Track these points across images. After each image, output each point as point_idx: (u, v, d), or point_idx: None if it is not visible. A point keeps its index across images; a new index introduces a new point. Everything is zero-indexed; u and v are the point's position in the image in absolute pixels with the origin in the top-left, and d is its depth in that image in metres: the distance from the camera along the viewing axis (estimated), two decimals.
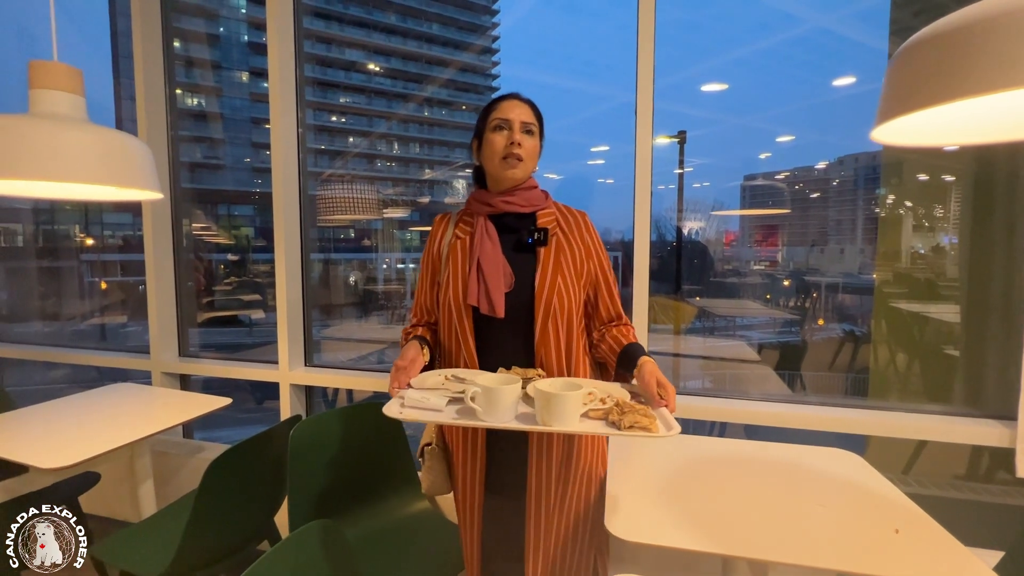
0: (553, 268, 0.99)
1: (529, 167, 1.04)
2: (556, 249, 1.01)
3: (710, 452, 1.25)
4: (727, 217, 5.60)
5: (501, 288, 0.97)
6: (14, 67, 2.60)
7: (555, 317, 0.97)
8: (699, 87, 3.74)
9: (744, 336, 3.96)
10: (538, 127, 1.05)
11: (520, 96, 1.05)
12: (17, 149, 0.88)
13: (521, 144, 1.00)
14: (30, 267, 4.29)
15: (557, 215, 1.05)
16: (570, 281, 0.99)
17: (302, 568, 0.82)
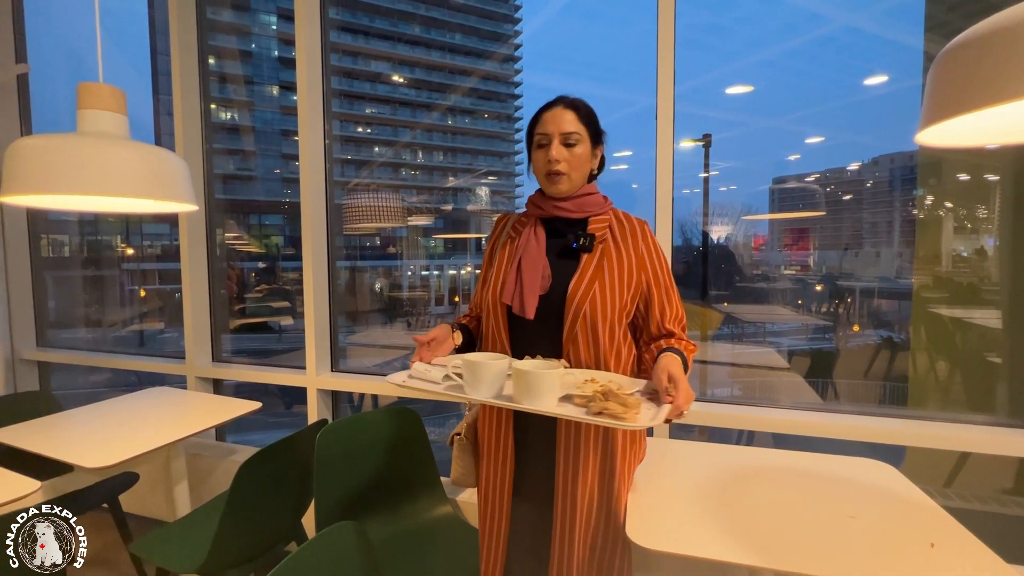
0: (593, 274, 0.96)
1: (576, 179, 1.00)
2: (602, 256, 0.98)
3: (737, 461, 1.23)
4: (756, 221, 5.48)
5: (536, 290, 0.96)
6: (63, 87, 2.76)
7: (585, 322, 0.95)
8: (723, 90, 3.69)
9: (774, 343, 3.87)
10: (585, 132, 0.99)
11: (563, 101, 1.00)
12: (66, 166, 0.93)
13: (559, 160, 0.97)
14: (75, 276, 4.49)
15: (612, 222, 1.02)
16: (612, 289, 0.96)
17: (326, 568, 0.83)
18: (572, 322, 0.95)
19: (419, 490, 1.54)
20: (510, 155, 18.82)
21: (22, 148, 0.94)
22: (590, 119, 1.00)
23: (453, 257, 14.69)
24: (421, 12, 20.07)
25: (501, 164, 19.13)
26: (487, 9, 20.72)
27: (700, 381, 2.85)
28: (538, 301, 0.96)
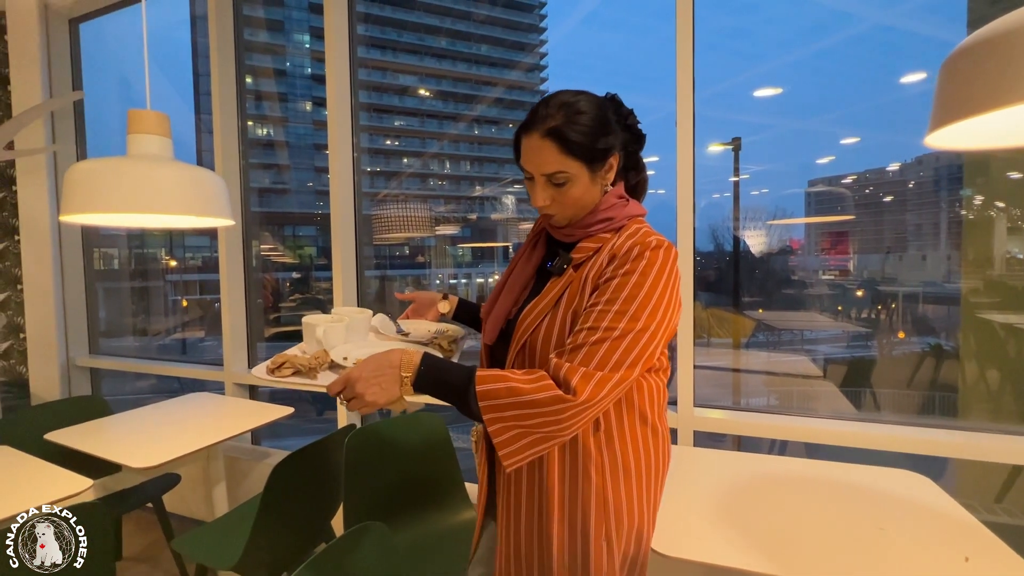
0: (547, 304, 0.79)
1: (573, 214, 0.82)
2: (567, 282, 0.79)
3: (767, 470, 1.21)
4: (791, 225, 5.32)
5: (502, 315, 0.86)
6: (115, 111, 2.96)
7: (529, 352, 0.80)
8: (751, 92, 3.62)
9: (811, 351, 3.75)
10: (578, 164, 0.77)
11: (541, 127, 0.76)
12: (117, 188, 1.01)
13: (545, 203, 0.80)
14: (124, 287, 4.74)
15: (608, 245, 0.79)
16: (564, 321, 0.77)
17: (352, 566, 0.87)
18: (517, 349, 0.81)
19: (444, 495, 1.56)
20: None
21: (79, 172, 1.02)
22: (583, 148, 0.76)
23: (480, 265, 14.81)
24: (447, 25, 20.46)
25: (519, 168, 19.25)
26: (512, 20, 20.97)
27: (733, 390, 2.80)
28: (504, 324, 0.86)
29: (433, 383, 0.72)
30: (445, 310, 1.06)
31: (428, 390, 0.72)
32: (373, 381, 0.70)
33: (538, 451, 0.70)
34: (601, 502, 0.77)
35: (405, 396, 0.72)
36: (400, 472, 1.51)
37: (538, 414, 0.67)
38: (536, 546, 0.80)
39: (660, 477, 0.84)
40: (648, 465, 0.81)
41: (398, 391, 0.71)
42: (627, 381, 0.71)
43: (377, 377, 0.70)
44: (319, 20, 2.04)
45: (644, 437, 0.81)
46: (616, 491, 0.78)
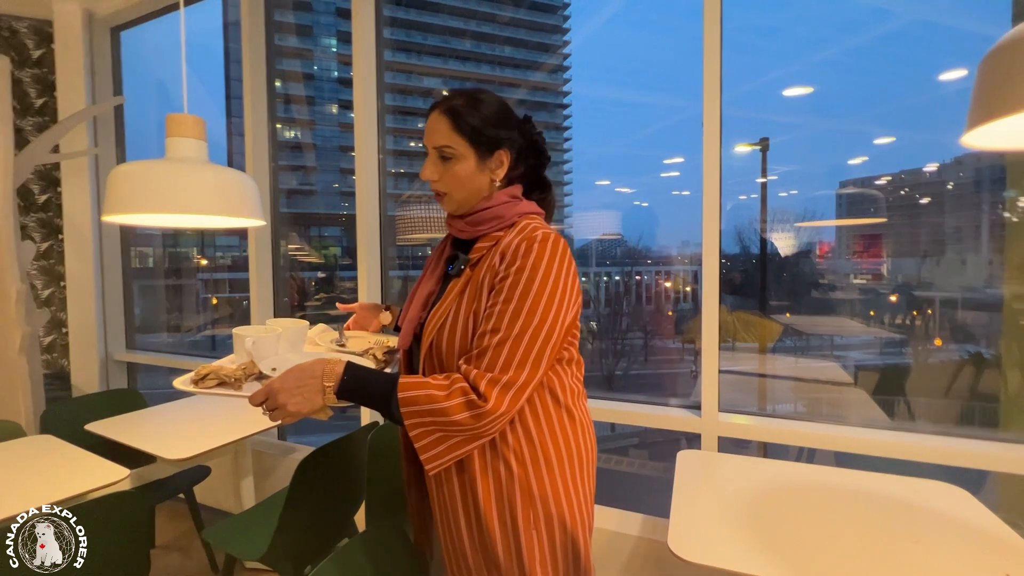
0: (448, 304, 0.81)
1: (461, 198, 0.84)
2: (465, 282, 0.82)
3: (795, 477, 1.18)
4: (821, 227, 5.19)
5: (414, 320, 0.88)
6: (152, 116, 3.07)
7: (436, 355, 0.81)
8: (780, 92, 3.55)
9: (841, 356, 3.64)
10: (465, 144, 0.81)
11: (442, 104, 0.82)
12: (156, 188, 1.05)
13: (431, 178, 0.84)
14: (158, 285, 4.91)
15: (503, 240, 0.80)
16: (466, 320, 0.79)
17: (370, 563, 0.88)
18: (426, 355, 0.83)
19: None
20: (558, 164, 18.87)
21: (120, 174, 1.06)
22: (473, 130, 0.80)
23: None
24: (472, 28, 20.61)
25: (549, 174, 19.21)
26: (536, 22, 20.99)
27: (758, 396, 2.74)
28: (416, 328, 0.88)
29: (356, 391, 0.74)
30: (387, 321, 1.07)
31: (352, 398, 0.74)
32: (295, 392, 0.72)
33: (459, 454, 0.73)
34: (526, 492, 0.78)
35: (328, 405, 0.74)
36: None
37: (454, 422, 0.70)
38: (476, 540, 0.81)
39: (585, 466, 0.85)
40: (570, 454, 0.82)
41: (320, 400, 0.73)
42: (533, 381, 0.73)
43: (299, 388, 0.73)
44: (345, 24, 2.09)
45: (562, 425, 0.82)
46: (540, 480, 0.79)
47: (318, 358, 0.76)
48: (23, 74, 2.55)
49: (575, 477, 0.83)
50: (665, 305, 13.18)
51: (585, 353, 0.95)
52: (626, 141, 7.60)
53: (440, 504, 0.84)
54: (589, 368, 0.92)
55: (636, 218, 16.35)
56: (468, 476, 0.80)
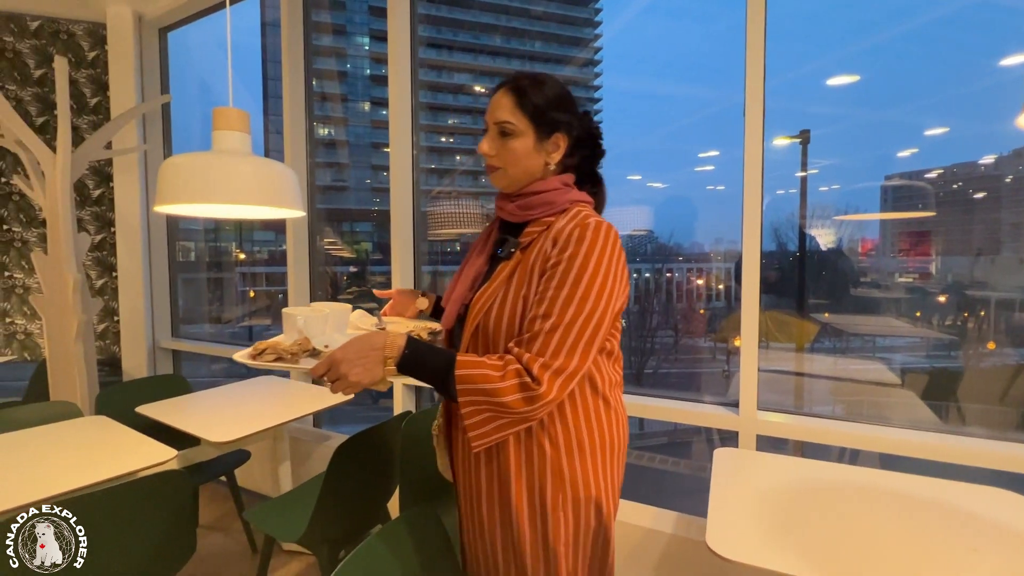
0: (497, 287, 0.82)
1: (515, 175, 0.85)
2: (516, 265, 0.82)
3: (839, 479, 1.14)
4: (864, 224, 4.98)
5: (459, 300, 0.89)
6: (196, 113, 3.19)
7: (483, 337, 0.82)
8: (823, 81, 3.40)
9: (885, 358, 3.49)
10: (527, 122, 0.82)
11: (508, 83, 0.85)
12: (204, 179, 1.09)
13: (489, 152, 0.85)
14: (200, 278, 5.11)
15: (555, 225, 0.81)
16: (515, 303, 0.80)
17: (404, 549, 0.89)
18: (471, 335, 0.84)
19: None
20: None
21: (170, 166, 1.11)
22: (536, 108, 0.82)
23: None
24: (503, 23, 20.58)
25: None
26: (568, 15, 20.80)
27: (795, 397, 2.65)
28: (462, 309, 0.88)
29: (416, 365, 0.75)
30: (424, 307, 1.07)
31: (410, 371, 0.75)
32: (357, 362, 0.73)
33: (505, 434, 0.75)
34: (557, 474, 0.80)
35: (388, 377, 0.75)
36: None
37: (506, 404, 0.71)
38: (499, 520, 0.83)
39: (616, 455, 0.86)
40: (603, 441, 0.83)
41: (380, 372, 0.74)
42: (583, 369, 0.75)
43: (361, 359, 0.73)
44: (379, 23, 2.11)
45: (597, 413, 0.83)
46: (571, 464, 0.81)
47: (379, 330, 0.78)
48: (79, 75, 2.68)
49: (606, 464, 0.84)
50: (697, 303, 12.94)
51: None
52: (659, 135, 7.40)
53: (466, 481, 0.87)
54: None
55: (668, 214, 16.03)
56: (501, 455, 0.82)
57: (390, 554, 0.89)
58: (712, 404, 1.53)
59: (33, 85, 2.65)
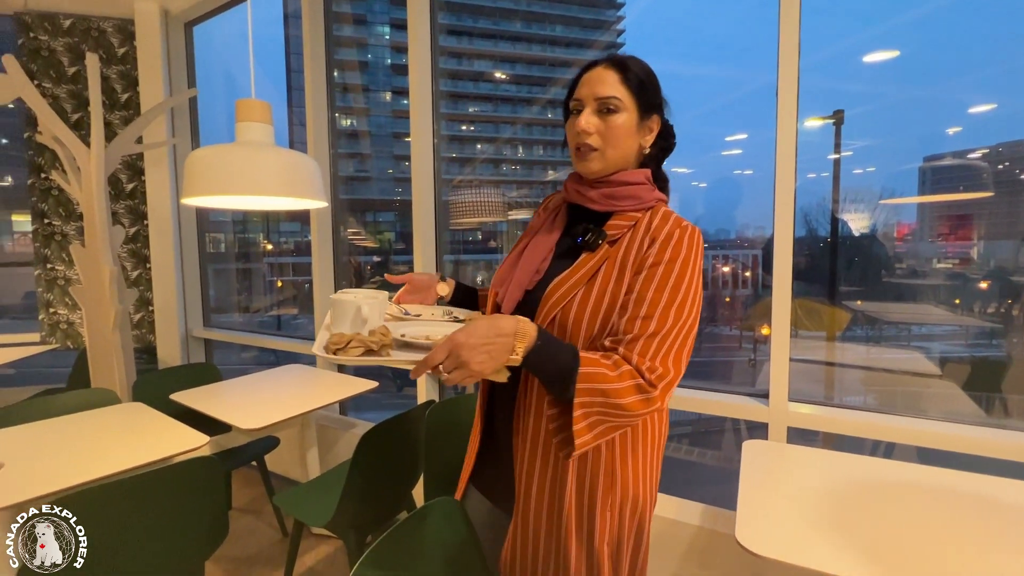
0: (580, 278, 0.77)
1: (611, 157, 0.79)
2: (603, 259, 0.78)
3: (878, 473, 1.10)
4: (899, 207, 4.78)
5: (523, 284, 0.82)
6: (223, 103, 3.24)
7: (559, 331, 0.77)
8: (860, 58, 3.24)
9: (922, 347, 3.36)
10: (631, 98, 0.78)
11: (609, 59, 0.80)
12: (227, 171, 1.10)
13: (589, 130, 0.78)
14: (230, 268, 5.23)
15: (641, 223, 0.79)
16: (599, 299, 0.76)
17: (427, 537, 0.90)
18: (545, 323, 0.78)
19: None
20: None
21: (196, 159, 1.12)
22: (641, 84, 0.79)
23: None
24: (523, 8, 20.29)
25: None
26: None
27: (826, 386, 2.58)
28: (522, 295, 0.82)
29: (545, 357, 0.67)
30: (444, 292, 0.99)
31: (535, 363, 0.67)
32: (482, 348, 0.64)
33: (605, 438, 0.70)
34: (609, 474, 0.78)
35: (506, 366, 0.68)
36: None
37: (621, 406, 0.67)
38: (545, 518, 0.80)
39: (659, 450, 0.85)
40: (649, 440, 0.82)
41: (505, 360, 0.66)
42: (680, 377, 0.72)
43: (487, 345, 0.64)
44: (398, 12, 2.10)
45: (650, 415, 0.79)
46: (624, 465, 0.79)
47: (510, 315, 0.70)
48: (110, 71, 2.75)
49: (648, 460, 0.82)
50: (722, 291, 12.69)
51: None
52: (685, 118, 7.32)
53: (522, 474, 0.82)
54: None
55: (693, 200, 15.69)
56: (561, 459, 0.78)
57: (415, 540, 0.89)
58: (740, 394, 1.49)
59: (67, 82, 2.73)
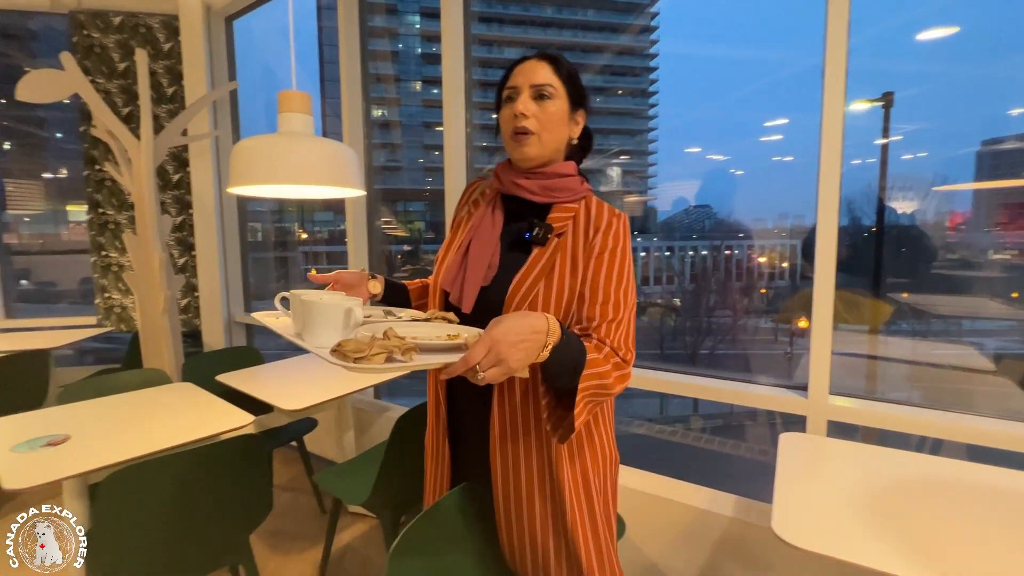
0: (539, 273, 0.80)
1: (547, 142, 0.83)
2: (555, 251, 0.81)
3: (924, 470, 1.06)
4: (951, 195, 4.52)
5: (478, 281, 0.83)
6: (261, 96, 3.33)
7: None
8: (913, 36, 3.05)
9: (975, 343, 3.19)
10: (563, 87, 0.84)
11: (540, 54, 0.85)
12: (271, 161, 1.14)
13: (527, 114, 0.81)
14: (268, 257, 5.40)
15: (579, 213, 0.84)
16: (560, 291, 0.80)
17: (461, 517, 0.92)
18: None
19: None
20: (643, 132, 17.96)
21: (241, 149, 1.16)
22: (571, 76, 0.85)
23: None
24: None
25: (633, 143, 18.43)
26: None
27: (868, 380, 2.49)
28: (479, 293, 0.83)
29: (565, 352, 0.68)
30: (377, 291, 0.95)
31: (557, 358, 0.67)
32: (519, 345, 0.63)
33: (592, 415, 0.77)
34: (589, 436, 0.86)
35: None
36: None
37: (607, 386, 0.73)
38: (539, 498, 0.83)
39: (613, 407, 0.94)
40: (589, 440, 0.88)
41: (535, 357, 0.65)
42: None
43: (523, 341, 0.63)
44: (428, 1, 2.09)
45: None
46: (597, 425, 0.87)
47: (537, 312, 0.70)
48: (157, 66, 2.86)
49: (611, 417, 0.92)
50: (758, 282, 12.30)
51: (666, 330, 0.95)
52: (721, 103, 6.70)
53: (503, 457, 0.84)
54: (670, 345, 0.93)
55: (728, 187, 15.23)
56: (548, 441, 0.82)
57: (449, 521, 0.92)
58: (778, 387, 1.46)
59: (118, 77, 2.85)
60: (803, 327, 1.45)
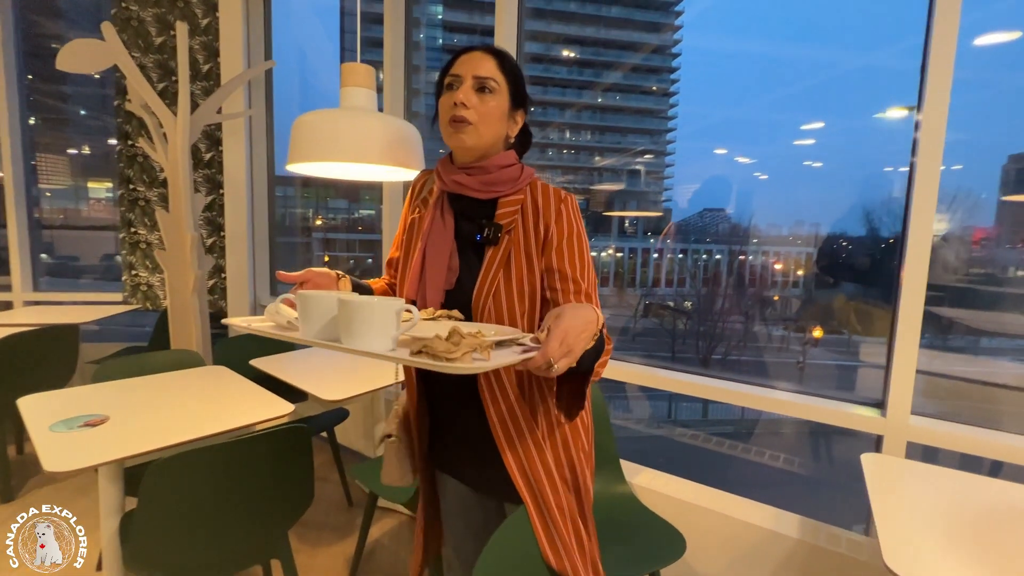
0: (496, 271, 0.82)
1: (484, 135, 0.82)
2: (508, 246, 0.83)
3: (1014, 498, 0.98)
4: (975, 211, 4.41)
5: (440, 285, 0.85)
6: (294, 79, 3.27)
7: (496, 318, 0.82)
8: (969, 41, 2.91)
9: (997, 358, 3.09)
10: (505, 83, 0.83)
11: (487, 47, 0.85)
12: (335, 137, 1.07)
13: (467, 104, 0.80)
14: (287, 242, 5.37)
15: (526, 202, 0.85)
16: (520, 282, 0.82)
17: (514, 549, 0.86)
18: (478, 320, 0.82)
19: (599, 466, 1.53)
20: (662, 132, 17.75)
21: (304, 124, 1.10)
22: (514, 74, 0.85)
23: (595, 238, 14.42)
24: None
25: (652, 142, 18.23)
26: None
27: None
28: (443, 296, 0.84)
29: (599, 341, 0.71)
30: (347, 289, 0.93)
31: (594, 347, 0.69)
32: (583, 336, 0.65)
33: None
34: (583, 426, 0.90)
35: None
36: None
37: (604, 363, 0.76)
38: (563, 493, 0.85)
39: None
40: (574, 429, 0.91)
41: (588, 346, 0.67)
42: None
43: (584, 332, 0.65)
44: None
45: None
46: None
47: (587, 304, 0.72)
48: (193, 42, 2.81)
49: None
50: (771, 289, 12.12)
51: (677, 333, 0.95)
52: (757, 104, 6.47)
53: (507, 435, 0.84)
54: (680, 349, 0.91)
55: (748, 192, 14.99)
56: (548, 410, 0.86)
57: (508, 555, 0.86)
58: (851, 402, 1.37)
59: (154, 52, 2.81)
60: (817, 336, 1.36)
